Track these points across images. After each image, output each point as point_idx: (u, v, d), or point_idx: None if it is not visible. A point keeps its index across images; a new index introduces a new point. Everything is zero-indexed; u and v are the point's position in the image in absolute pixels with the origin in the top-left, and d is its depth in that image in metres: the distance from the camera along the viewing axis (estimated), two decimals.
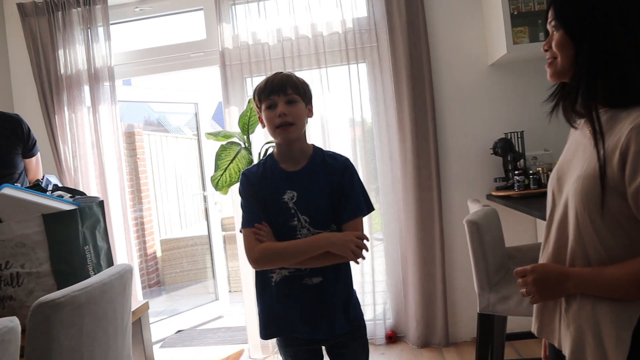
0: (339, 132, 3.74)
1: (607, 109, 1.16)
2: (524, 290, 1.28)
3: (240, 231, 1.76)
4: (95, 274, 1.60)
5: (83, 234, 1.66)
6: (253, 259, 1.69)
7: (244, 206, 1.77)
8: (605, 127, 1.14)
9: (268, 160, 1.81)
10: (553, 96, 1.27)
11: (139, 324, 2.09)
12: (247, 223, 1.73)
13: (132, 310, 1.99)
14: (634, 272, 1.11)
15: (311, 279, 1.74)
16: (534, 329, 1.35)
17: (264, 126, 1.77)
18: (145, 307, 2.09)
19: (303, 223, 1.72)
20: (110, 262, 1.83)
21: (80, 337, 1.42)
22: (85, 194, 1.80)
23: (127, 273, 1.65)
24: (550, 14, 1.22)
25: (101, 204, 1.79)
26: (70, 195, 1.71)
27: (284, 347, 1.84)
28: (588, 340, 1.17)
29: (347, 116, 3.69)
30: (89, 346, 1.47)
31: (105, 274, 1.56)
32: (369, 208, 1.82)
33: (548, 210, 1.30)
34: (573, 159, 1.24)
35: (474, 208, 2.89)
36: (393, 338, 3.79)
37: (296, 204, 1.72)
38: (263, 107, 1.71)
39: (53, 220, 1.59)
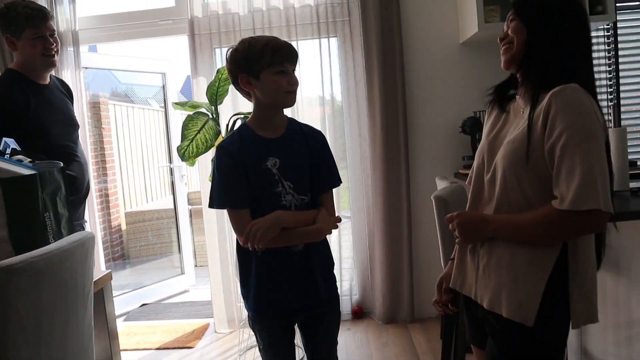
0: (309, 106, 3.71)
1: (533, 89, 1.39)
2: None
3: (212, 206, 1.74)
4: (56, 242, 1.55)
5: (43, 200, 1.60)
6: (242, 241, 1.69)
7: (222, 182, 1.71)
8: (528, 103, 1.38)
9: (242, 130, 1.78)
10: (494, 93, 1.57)
11: (102, 294, 2.05)
12: (235, 204, 1.71)
13: (94, 279, 1.95)
14: (540, 217, 1.28)
15: (297, 246, 1.76)
16: (455, 284, 1.54)
17: (249, 89, 1.71)
18: (108, 277, 2.05)
19: (287, 189, 1.72)
20: (72, 230, 1.78)
21: (39, 304, 1.38)
22: (45, 158, 1.74)
23: (88, 241, 1.60)
24: (509, 15, 1.45)
25: (62, 169, 1.73)
26: (30, 159, 1.65)
27: (261, 322, 1.82)
28: (505, 289, 1.34)
29: (317, 90, 3.65)
30: (48, 314, 1.43)
31: (65, 240, 1.51)
32: (340, 181, 1.89)
33: (475, 172, 1.50)
34: (503, 131, 1.46)
35: (441, 185, 2.91)
36: (359, 314, 3.82)
37: (279, 170, 1.71)
38: (270, 70, 1.66)
39: (11, 185, 1.52)
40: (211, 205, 1.75)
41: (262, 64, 1.65)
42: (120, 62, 4.46)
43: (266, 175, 1.71)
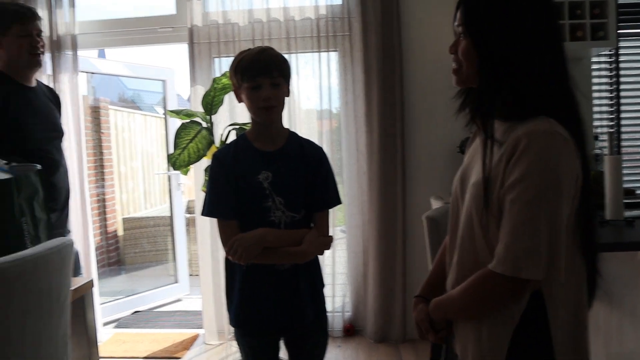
0: (306, 120, 3.69)
1: (503, 122, 1.18)
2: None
3: (203, 214, 1.73)
4: (30, 248, 1.52)
5: (19, 205, 1.58)
6: (226, 253, 1.67)
7: (213, 191, 1.71)
8: (503, 137, 1.15)
9: (240, 141, 1.76)
10: (460, 96, 1.30)
11: (82, 302, 2.01)
12: (222, 214, 1.70)
13: (75, 287, 1.92)
14: (472, 280, 1.16)
15: (283, 264, 1.71)
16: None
17: (240, 101, 1.72)
18: (89, 285, 2.01)
19: (277, 204, 1.68)
20: (50, 235, 1.75)
21: (7, 311, 1.35)
22: (23, 161, 1.72)
23: (66, 248, 1.57)
24: (458, 16, 1.22)
25: (39, 172, 1.70)
26: (5, 162, 1.63)
27: (242, 337, 1.79)
28: (471, 345, 1.21)
29: (315, 104, 3.64)
30: (18, 323, 1.39)
31: (41, 247, 1.48)
32: (338, 201, 1.84)
33: (450, 213, 1.31)
34: (472, 164, 1.26)
35: (436, 205, 2.88)
36: (351, 331, 3.77)
37: (271, 184, 1.68)
38: (245, 85, 1.64)
39: None
40: (202, 213, 1.74)
41: (238, 79, 1.66)
42: (120, 68, 4.46)
43: (257, 188, 1.67)
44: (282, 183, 1.69)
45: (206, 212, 1.72)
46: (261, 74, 1.63)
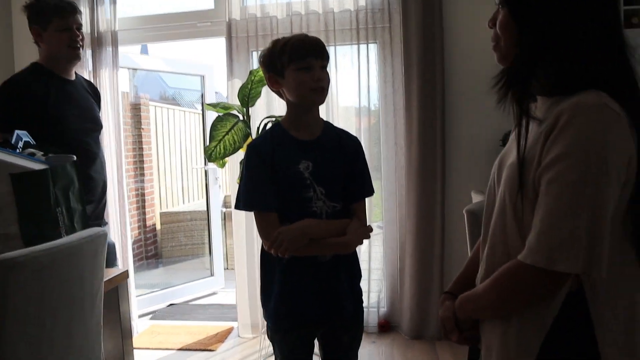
0: (345, 112, 3.64)
1: (547, 98, 1.06)
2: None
3: (239, 208, 1.67)
4: (64, 237, 1.52)
5: (55, 195, 1.58)
6: (267, 247, 1.61)
7: (251, 182, 1.64)
8: (545, 115, 1.02)
9: (276, 130, 1.70)
10: (498, 82, 1.10)
11: (117, 292, 2.02)
12: (262, 206, 1.62)
13: (109, 278, 1.92)
14: (501, 272, 1.03)
15: (325, 256, 1.67)
16: None
17: (275, 88, 1.67)
18: (124, 276, 2.01)
19: (319, 195, 1.64)
20: (85, 225, 1.75)
21: (41, 302, 1.35)
22: (59, 151, 1.72)
23: (99, 237, 1.57)
24: None
25: (75, 163, 1.70)
26: (42, 153, 1.63)
27: (279, 333, 1.73)
28: (496, 347, 1.08)
29: (354, 97, 3.58)
30: (51, 311, 1.39)
31: (74, 236, 1.48)
32: (373, 191, 1.84)
33: (486, 204, 1.19)
34: (511, 147, 1.12)
35: (477, 199, 2.79)
36: (386, 327, 3.71)
37: (312, 174, 1.63)
38: (294, 67, 1.58)
39: (21, 181, 1.50)
40: (237, 207, 1.68)
41: (284, 60, 1.59)
42: (159, 64, 4.49)
43: (297, 178, 1.63)
44: (323, 173, 1.65)
45: (243, 204, 1.66)
46: (312, 54, 1.58)
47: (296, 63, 1.57)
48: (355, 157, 1.74)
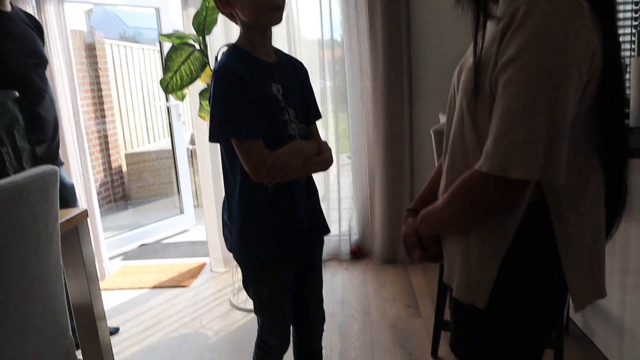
0: (306, 37, 3.51)
1: None
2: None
3: (216, 139, 1.50)
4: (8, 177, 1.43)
5: None
6: (260, 176, 1.49)
7: (233, 109, 1.47)
8: (504, 12, 0.93)
9: (238, 51, 1.54)
10: None
11: (76, 233, 1.95)
12: (249, 133, 1.47)
13: (67, 218, 1.85)
14: (459, 184, 0.97)
15: (302, 178, 1.63)
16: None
17: (225, 10, 1.53)
18: (83, 215, 1.94)
19: (291, 117, 1.58)
20: (36, 165, 1.66)
21: None
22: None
23: (49, 176, 1.48)
24: None
25: (18, 100, 1.59)
26: None
27: (268, 268, 1.63)
28: (457, 266, 1.05)
29: (316, 21, 3.45)
30: (1, 254, 1.32)
31: (20, 175, 1.39)
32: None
33: (447, 114, 1.14)
34: (470, 51, 1.03)
35: (444, 120, 2.75)
36: (358, 254, 3.74)
37: (283, 96, 1.56)
38: None
39: None
40: (214, 138, 1.50)
41: None
42: None
43: (273, 101, 1.54)
44: (290, 94, 1.58)
45: (224, 132, 1.48)
46: None
47: None
48: (307, 79, 1.70)
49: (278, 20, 1.51)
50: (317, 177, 4.00)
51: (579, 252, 0.97)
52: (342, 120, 3.68)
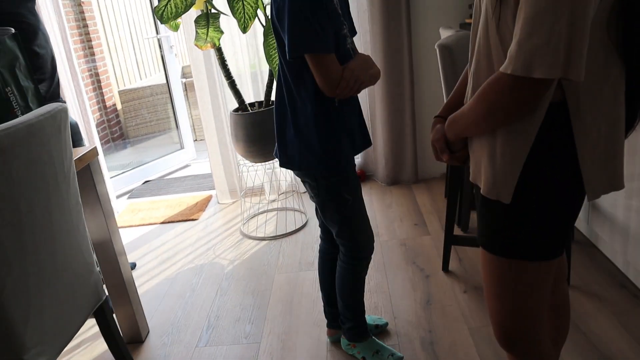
0: None
1: None
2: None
3: (299, 53, 1.48)
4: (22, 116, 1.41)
5: (1, 75, 1.44)
6: (336, 91, 1.53)
7: (317, 23, 1.45)
8: None
9: None
10: None
11: (89, 171, 1.95)
12: (327, 48, 1.48)
13: (79, 156, 1.84)
14: (485, 87, 1.01)
15: None
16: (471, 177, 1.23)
17: None
18: (93, 153, 1.93)
19: (347, 31, 1.60)
20: (41, 104, 1.63)
21: (10, 184, 1.28)
22: None
23: (59, 113, 1.47)
24: None
25: (15, 36, 1.54)
26: None
27: (351, 173, 1.72)
28: (482, 164, 1.11)
29: None
30: (25, 194, 1.33)
31: (32, 114, 1.37)
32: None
33: (473, 22, 1.14)
34: None
35: (446, 34, 2.70)
36: (362, 177, 3.77)
37: (341, 9, 1.58)
38: None
39: None
40: (298, 52, 1.48)
41: None
42: None
43: (337, 15, 1.55)
44: (343, 8, 1.61)
45: (309, 48, 1.47)
46: None
47: None
48: None
49: None
50: None
51: (594, 145, 1.02)
52: None
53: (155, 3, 4.45)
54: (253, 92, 3.56)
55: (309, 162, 1.64)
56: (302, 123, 1.61)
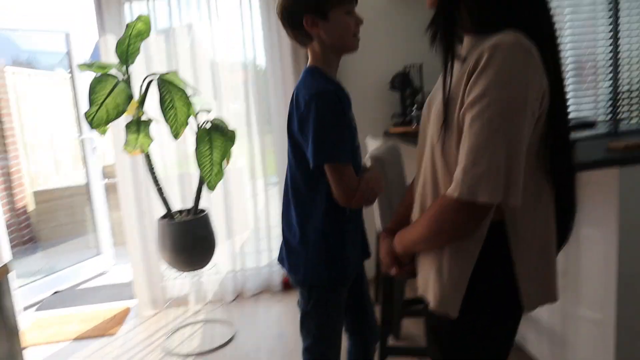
0: (228, 60, 3.43)
1: (472, 37, 1.12)
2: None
3: (323, 161, 1.47)
4: None
5: None
6: (353, 201, 1.52)
7: (339, 133, 1.48)
8: (468, 54, 1.08)
9: (323, 75, 1.55)
10: (430, 24, 1.16)
11: None
12: (347, 158, 1.50)
13: None
14: (433, 209, 1.11)
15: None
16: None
17: (316, 32, 1.51)
18: (4, 271, 1.74)
19: (359, 142, 1.66)
20: None
21: None
22: None
23: None
24: None
25: None
26: None
27: (340, 286, 1.65)
28: (431, 280, 1.17)
29: (238, 44, 3.39)
30: None
31: None
32: None
33: (418, 144, 1.26)
34: (438, 87, 1.19)
35: (374, 145, 2.75)
36: (289, 285, 3.65)
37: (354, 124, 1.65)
38: (341, 9, 1.51)
39: None
40: (322, 161, 1.47)
41: (333, 1, 1.49)
42: (12, 21, 3.96)
43: (353, 126, 1.61)
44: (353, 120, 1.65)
45: (330, 157, 1.47)
46: None
47: (345, 5, 1.51)
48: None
49: (357, 47, 1.59)
50: (245, 206, 3.88)
51: (529, 262, 1.12)
52: (267, 143, 3.59)
53: (80, 102, 4.35)
54: (180, 197, 3.43)
55: (313, 271, 1.61)
56: (309, 228, 1.59)
